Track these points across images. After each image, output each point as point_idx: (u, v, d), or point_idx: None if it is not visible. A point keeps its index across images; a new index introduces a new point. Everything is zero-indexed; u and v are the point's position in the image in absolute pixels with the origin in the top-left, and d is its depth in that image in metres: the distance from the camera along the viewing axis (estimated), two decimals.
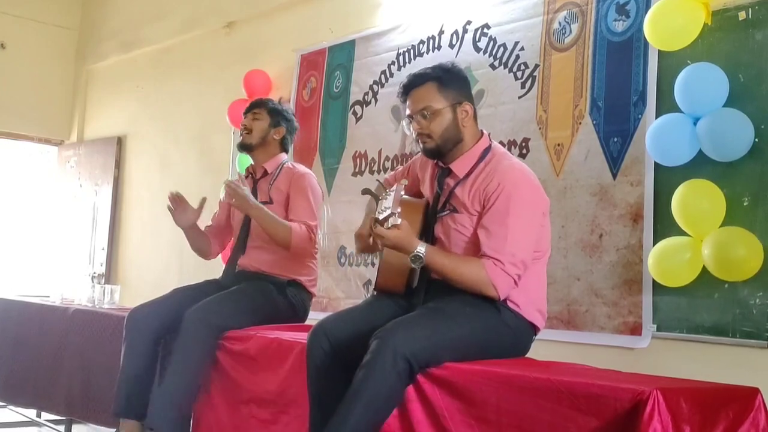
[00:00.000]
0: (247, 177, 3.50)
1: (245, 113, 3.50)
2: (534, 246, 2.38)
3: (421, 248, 2.27)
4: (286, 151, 3.53)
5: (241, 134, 3.47)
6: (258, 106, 3.49)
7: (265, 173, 3.43)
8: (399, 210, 2.19)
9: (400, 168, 2.90)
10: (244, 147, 3.46)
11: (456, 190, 2.45)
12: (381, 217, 2.17)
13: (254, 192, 3.39)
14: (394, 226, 2.18)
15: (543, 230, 2.44)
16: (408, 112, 2.51)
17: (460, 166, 2.46)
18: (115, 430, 2.94)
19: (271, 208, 3.29)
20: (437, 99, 2.45)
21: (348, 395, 2.16)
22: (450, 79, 2.48)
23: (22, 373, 4.13)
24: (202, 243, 3.52)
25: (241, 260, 3.35)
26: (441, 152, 2.48)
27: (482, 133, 2.53)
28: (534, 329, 2.46)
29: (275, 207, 3.31)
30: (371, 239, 2.27)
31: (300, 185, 3.35)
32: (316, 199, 3.36)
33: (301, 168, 3.48)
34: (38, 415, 4.60)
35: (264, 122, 3.43)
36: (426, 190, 2.60)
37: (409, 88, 2.50)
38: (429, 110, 2.44)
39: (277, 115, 3.46)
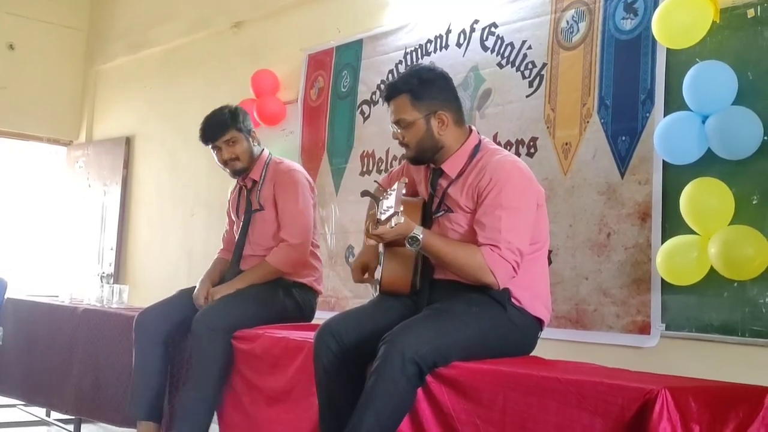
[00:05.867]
0: (240, 190, 3.42)
1: (213, 143, 3.25)
2: (530, 236, 2.37)
3: (418, 230, 2.27)
4: (259, 144, 3.41)
5: (227, 163, 3.27)
6: (224, 130, 3.24)
7: (255, 182, 3.35)
8: (402, 209, 2.19)
9: (394, 169, 2.90)
10: (239, 173, 3.32)
11: (449, 190, 2.45)
12: (383, 217, 2.17)
13: (247, 203, 3.33)
14: (398, 224, 2.18)
15: (539, 221, 2.44)
16: (390, 119, 2.53)
17: (451, 167, 2.47)
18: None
19: (263, 215, 3.28)
20: (410, 112, 2.46)
21: (359, 403, 2.16)
22: (423, 90, 2.46)
23: (35, 372, 4.15)
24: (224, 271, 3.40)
25: (243, 265, 3.33)
26: (420, 160, 2.52)
27: (470, 131, 2.53)
28: (540, 324, 2.46)
29: (267, 212, 3.28)
30: (371, 238, 2.27)
31: (284, 184, 3.28)
32: (304, 197, 3.28)
33: (287, 164, 3.39)
34: (48, 414, 4.62)
35: (243, 142, 3.28)
36: (422, 191, 2.61)
37: (387, 98, 2.52)
38: (403, 123, 2.47)
39: (245, 125, 3.31)
